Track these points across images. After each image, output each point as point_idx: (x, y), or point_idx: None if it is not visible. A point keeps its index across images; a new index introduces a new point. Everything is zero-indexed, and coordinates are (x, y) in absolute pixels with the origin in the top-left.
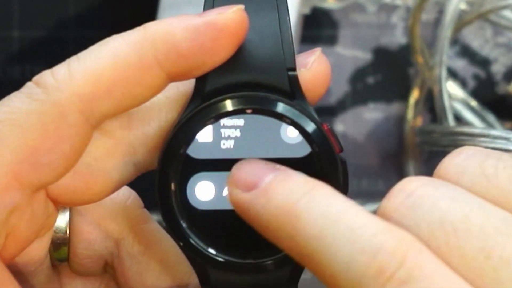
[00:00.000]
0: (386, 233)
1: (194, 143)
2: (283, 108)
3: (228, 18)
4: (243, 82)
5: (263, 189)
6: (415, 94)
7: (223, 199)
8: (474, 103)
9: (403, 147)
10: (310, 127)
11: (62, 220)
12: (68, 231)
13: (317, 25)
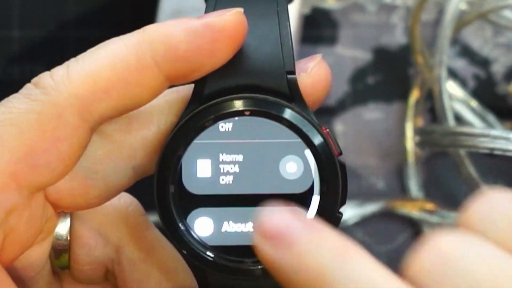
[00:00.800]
0: None
1: (192, 178)
2: (282, 110)
3: (227, 21)
4: (242, 85)
5: (296, 251)
6: (415, 94)
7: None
8: (474, 103)
9: (403, 147)
10: (306, 128)
11: (63, 227)
12: (69, 237)
13: (317, 25)
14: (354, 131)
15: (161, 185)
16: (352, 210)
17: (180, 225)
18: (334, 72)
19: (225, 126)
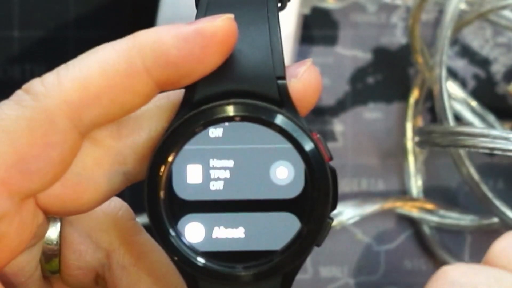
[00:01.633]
0: None
1: (183, 183)
2: (272, 115)
3: (217, 26)
4: (232, 90)
5: None
6: (415, 94)
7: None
8: (474, 103)
9: (403, 147)
10: (297, 133)
11: (53, 231)
12: (59, 242)
13: (317, 25)
14: (354, 131)
15: (152, 191)
16: (352, 210)
17: (171, 231)
18: (334, 72)
19: (215, 131)
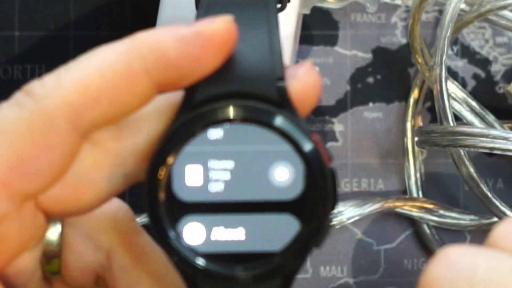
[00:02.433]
0: None
1: (183, 185)
2: (272, 117)
3: (216, 28)
4: (232, 92)
5: None
6: (415, 94)
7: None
8: (474, 103)
9: (403, 147)
10: (296, 135)
11: (53, 232)
12: (59, 243)
13: (317, 25)
14: (354, 131)
15: (151, 193)
16: (352, 210)
17: (170, 232)
18: (334, 72)
19: (215, 133)
